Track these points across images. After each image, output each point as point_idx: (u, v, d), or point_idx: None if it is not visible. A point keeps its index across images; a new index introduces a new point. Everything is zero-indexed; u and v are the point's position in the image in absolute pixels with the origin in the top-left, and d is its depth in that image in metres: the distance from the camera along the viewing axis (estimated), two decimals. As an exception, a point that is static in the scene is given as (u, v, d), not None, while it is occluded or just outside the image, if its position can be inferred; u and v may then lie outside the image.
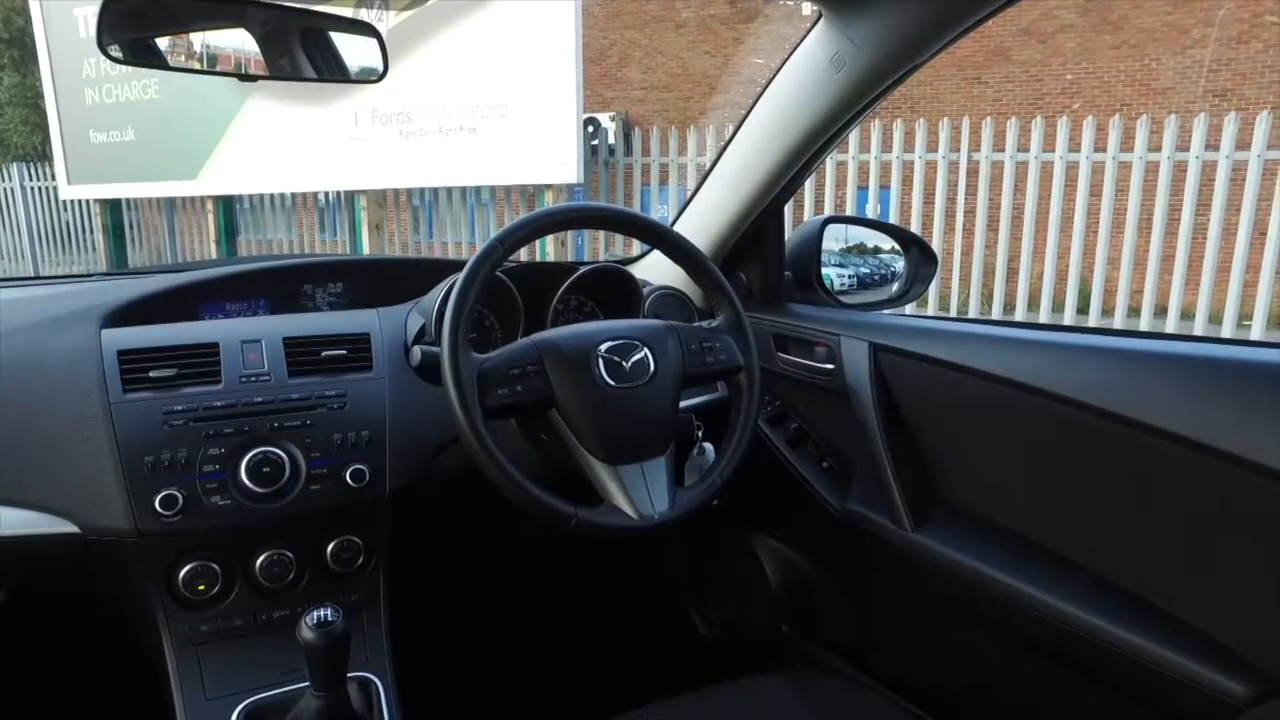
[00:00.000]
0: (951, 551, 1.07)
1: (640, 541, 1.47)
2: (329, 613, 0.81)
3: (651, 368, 1.00)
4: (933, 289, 5.30)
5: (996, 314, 5.49)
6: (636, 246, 1.52)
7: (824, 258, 1.43)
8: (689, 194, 1.45)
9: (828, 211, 5.62)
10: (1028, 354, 0.98)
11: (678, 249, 1.09)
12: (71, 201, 8.89)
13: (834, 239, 1.47)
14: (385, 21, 5.68)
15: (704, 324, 1.10)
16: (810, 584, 1.45)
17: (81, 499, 0.92)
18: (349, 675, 0.88)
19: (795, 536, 1.46)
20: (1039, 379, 0.95)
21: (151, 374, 0.98)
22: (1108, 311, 5.22)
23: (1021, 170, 5.21)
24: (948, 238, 5.47)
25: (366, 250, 6.41)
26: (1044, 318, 5.20)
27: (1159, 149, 4.81)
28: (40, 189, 9.52)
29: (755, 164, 1.27)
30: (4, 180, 9.94)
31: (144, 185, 7.56)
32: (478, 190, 6.36)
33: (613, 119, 9.62)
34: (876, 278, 1.56)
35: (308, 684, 0.85)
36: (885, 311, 1.40)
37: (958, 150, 5.35)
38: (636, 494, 0.94)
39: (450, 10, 5.55)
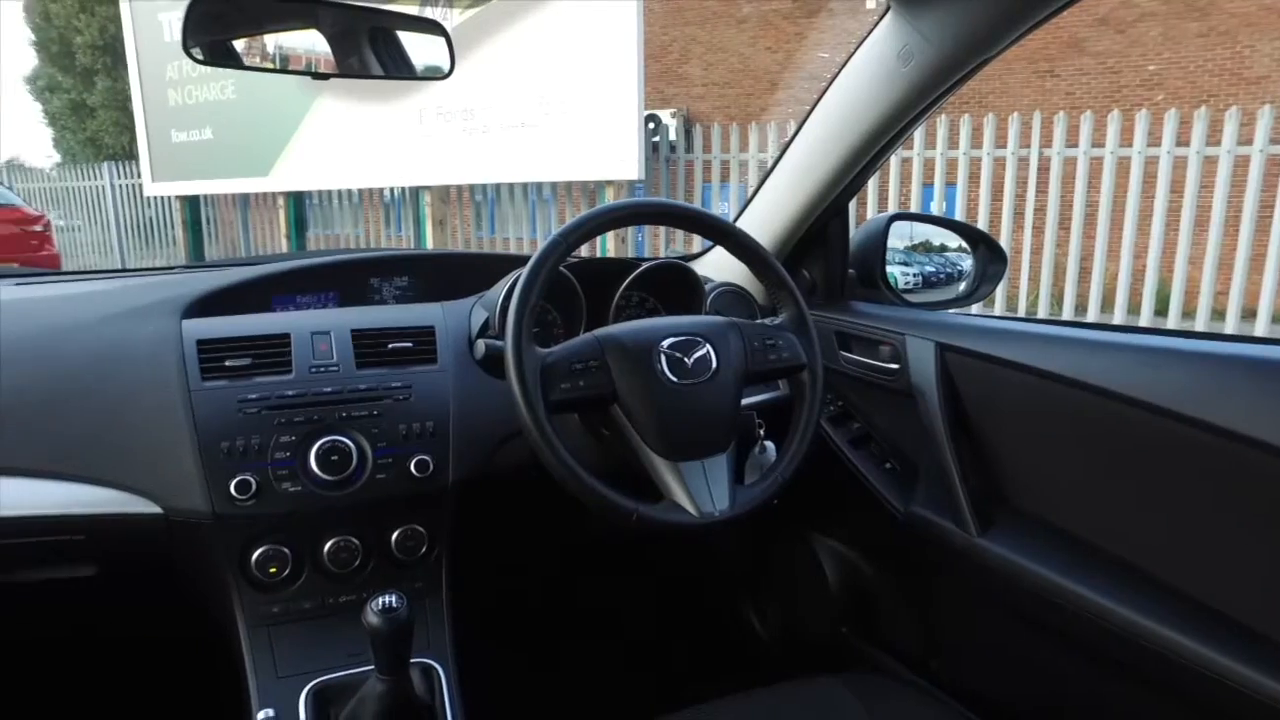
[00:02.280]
0: (1018, 558, 1.04)
1: (699, 539, 1.47)
2: (393, 599, 0.83)
3: (714, 364, 0.99)
4: (1000, 289, 5.15)
5: (1068, 315, 5.31)
6: (697, 243, 1.52)
7: (889, 255, 1.41)
8: (750, 191, 1.44)
9: (892, 209, 5.51)
10: (1102, 356, 0.95)
11: (741, 245, 1.08)
12: (154, 198, 9.30)
13: (899, 236, 1.45)
14: (450, 19, 5.78)
15: (766, 321, 1.09)
16: (871, 587, 1.42)
17: (163, 481, 0.96)
18: (412, 660, 0.90)
19: (856, 538, 1.44)
20: (1114, 382, 0.92)
21: (227, 363, 1.01)
22: (1189, 313, 5.00)
23: (1096, 166, 5.03)
24: (1016, 236, 5.31)
25: (430, 245, 6.54)
26: (1119, 320, 5.01)
27: (1250, 142, 4.58)
28: (127, 186, 9.97)
29: (820, 160, 1.26)
30: (96, 179, 10.44)
31: (220, 182, 7.86)
32: (539, 186, 6.43)
33: (674, 115, 9.61)
34: (942, 276, 1.52)
35: (372, 667, 0.88)
36: (951, 311, 1.37)
37: (1028, 146, 5.19)
38: (697, 491, 0.94)
39: (513, 8, 5.61)
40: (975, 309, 2.10)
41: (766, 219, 1.38)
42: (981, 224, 5.01)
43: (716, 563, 1.74)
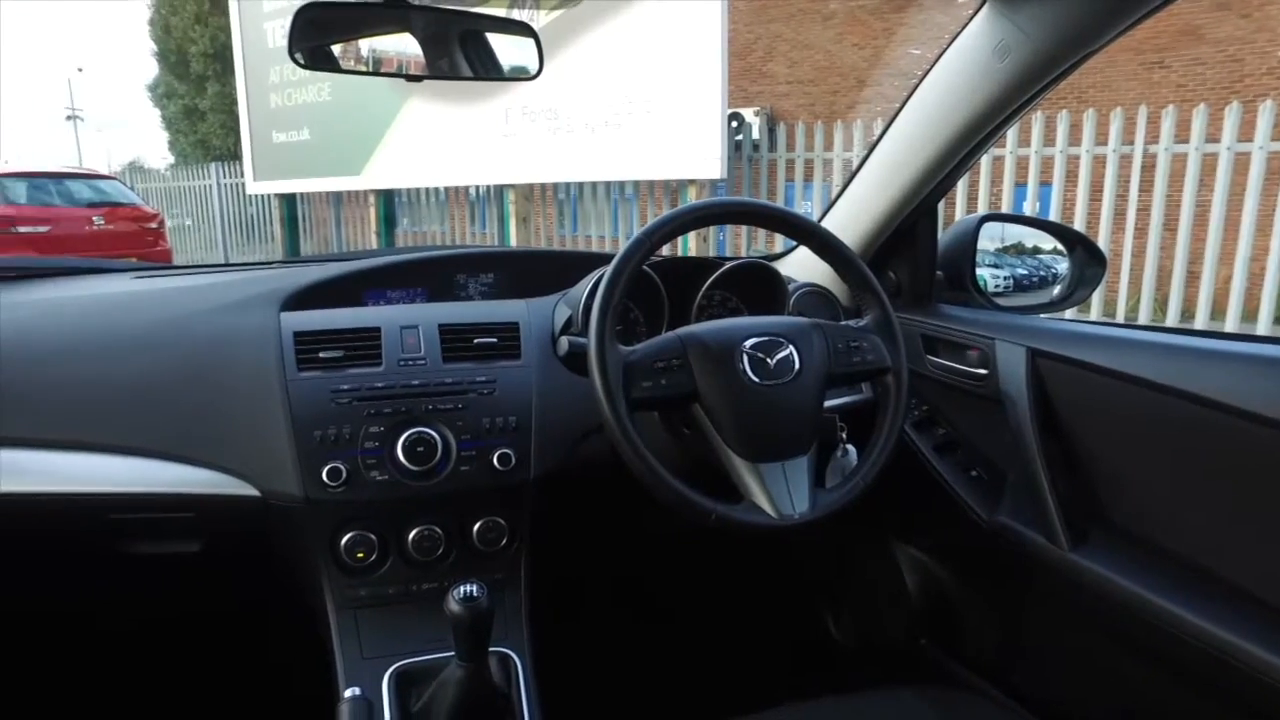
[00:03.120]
0: (1112, 574, 0.99)
1: (777, 541, 1.45)
2: (474, 589, 0.85)
3: (796, 365, 0.98)
4: (1096, 294, 4.91)
5: (1172, 322, 5.03)
6: (780, 243, 1.50)
7: (978, 257, 1.36)
8: (835, 190, 1.41)
9: (982, 209, 5.33)
10: (1209, 365, 0.90)
11: (825, 245, 1.07)
12: (255, 196, 9.77)
13: (989, 238, 1.40)
14: (536, 21, 5.87)
15: (851, 323, 1.07)
16: (953, 597, 1.38)
17: (261, 466, 1.01)
18: (490, 649, 0.92)
19: (938, 546, 1.40)
20: (1221, 393, 0.86)
21: (322, 355, 1.06)
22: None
23: (1209, 163, 4.73)
24: (1116, 238, 5.06)
25: (513, 242, 6.67)
26: (1231, 328, 4.71)
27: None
28: (231, 185, 10.51)
29: (908, 159, 1.23)
30: (204, 178, 11.05)
31: (315, 181, 8.20)
32: (621, 185, 6.47)
33: (757, 114, 9.52)
34: (1035, 279, 1.47)
35: (452, 654, 0.90)
36: (1043, 316, 1.31)
37: (1131, 143, 4.93)
38: (776, 493, 0.93)
39: (598, 8, 5.67)
40: (1069, 314, 2.01)
41: (852, 219, 1.35)
42: (1078, 225, 4.79)
43: (794, 565, 1.72)
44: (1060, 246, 1.41)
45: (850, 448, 1.17)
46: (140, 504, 1.01)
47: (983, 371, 1.18)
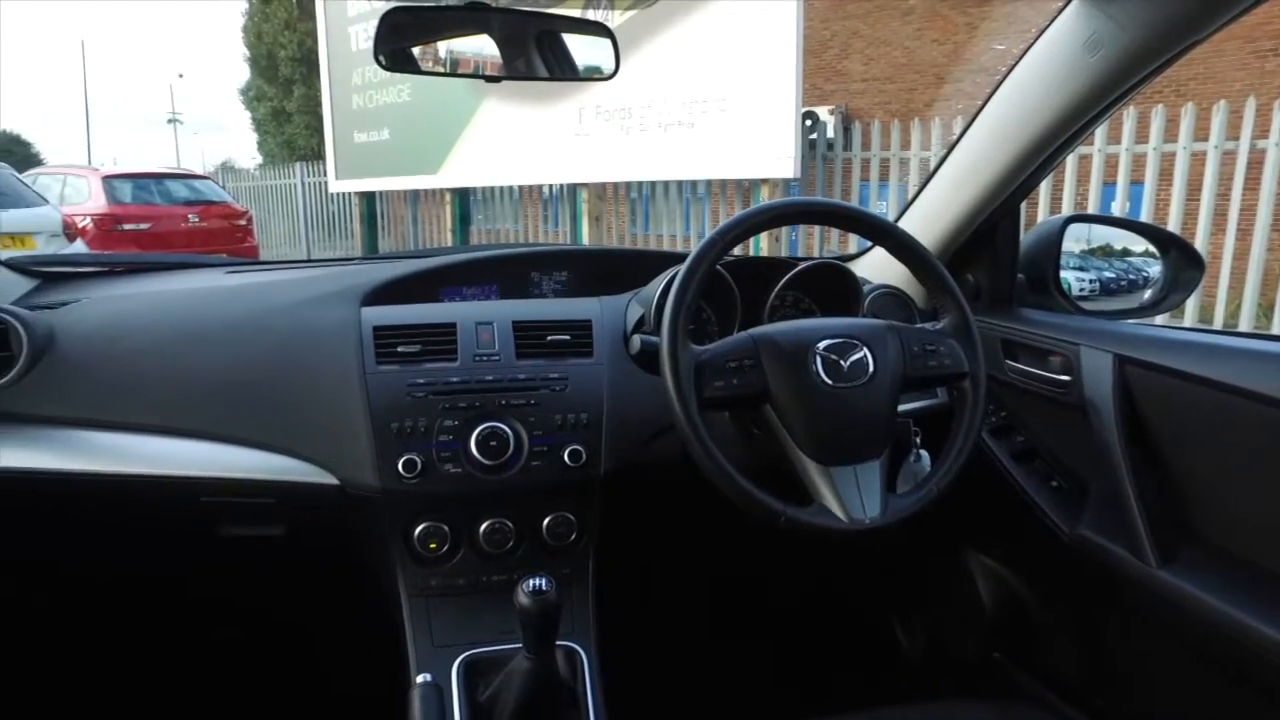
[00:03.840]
0: (1204, 594, 0.95)
1: (847, 545, 1.43)
2: (543, 582, 0.86)
3: (870, 368, 0.97)
4: (1190, 299, 4.67)
5: (1278, 329, 4.74)
6: (854, 243, 1.48)
7: (1063, 260, 1.32)
8: (911, 190, 1.38)
9: (1066, 210, 5.13)
10: None
11: (902, 246, 1.05)
12: (337, 194, 10.11)
13: (1074, 239, 1.35)
14: (611, 20, 5.91)
15: (927, 326, 1.05)
16: (1029, 610, 1.34)
17: (340, 456, 1.04)
18: (557, 643, 0.93)
19: (1015, 557, 1.36)
20: None
21: (399, 349, 1.09)
22: None
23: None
24: (1216, 239, 4.80)
25: (585, 241, 6.73)
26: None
27: None
28: (314, 184, 10.90)
29: (991, 158, 1.19)
30: (289, 177, 11.50)
31: (394, 179, 8.43)
32: (694, 184, 6.46)
33: (832, 112, 9.38)
34: (1124, 283, 1.41)
35: (520, 645, 0.91)
36: (1131, 321, 1.26)
37: (1236, 138, 4.66)
38: (847, 497, 0.92)
39: (673, 8, 5.67)
40: (1159, 320, 1.92)
41: (930, 219, 1.32)
42: (1172, 226, 4.57)
43: (863, 571, 1.69)
44: (1153, 249, 1.35)
45: (924, 453, 1.15)
46: (226, 488, 1.06)
47: (1065, 378, 1.14)
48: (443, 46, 1.28)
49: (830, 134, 6.27)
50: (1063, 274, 1.32)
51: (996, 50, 8.61)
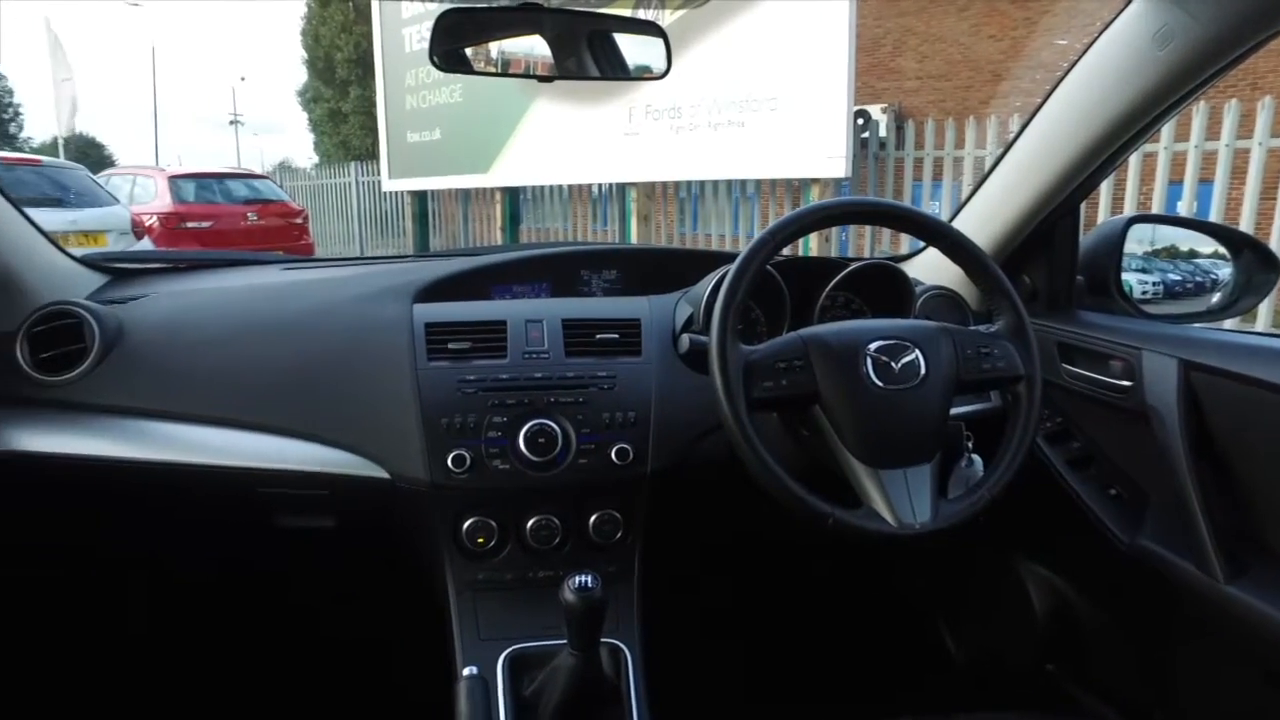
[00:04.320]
0: (1275, 611, 0.91)
1: (896, 550, 1.41)
2: (589, 579, 0.86)
3: (922, 370, 0.95)
4: (1264, 302, 4.49)
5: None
6: (905, 244, 1.46)
7: (1124, 261, 1.28)
8: (965, 189, 1.36)
9: (1128, 211, 4.97)
10: None
11: (956, 246, 1.03)
12: (390, 193, 10.30)
13: (1137, 240, 1.32)
14: (661, 20, 5.91)
15: (981, 328, 1.03)
16: (1084, 622, 1.30)
17: (392, 450, 1.06)
18: (601, 640, 0.94)
19: (1069, 567, 1.32)
20: None
21: (450, 345, 1.10)
22: None
23: None
24: (1291, 241, 4.60)
25: (634, 240, 6.74)
26: None
27: None
28: (368, 183, 11.12)
29: (1050, 156, 1.16)
30: (344, 176, 11.75)
31: (446, 179, 8.55)
32: (743, 184, 6.42)
33: (884, 111, 9.25)
34: (1190, 285, 1.36)
35: (565, 642, 0.92)
36: (1197, 325, 1.21)
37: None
38: (897, 500, 0.90)
39: (724, 7, 5.64)
40: (1228, 324, 1.85)
41: (985, 219, 1.29)
42: (1244, 228, 4.39)
43: (912, 576, 1.66)
44: (1223, 250, 1.30)
45: (976, 458, 1.13)
46: (281, 479, 1.09)
47: (1126, 383, 1.11)
48: (495, 47, 1.29)
49: (882, 133, 6.18)
50: (1124, 276, 1.28)
51: (1058, 46, 8.38)
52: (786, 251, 1.10)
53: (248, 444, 1.09)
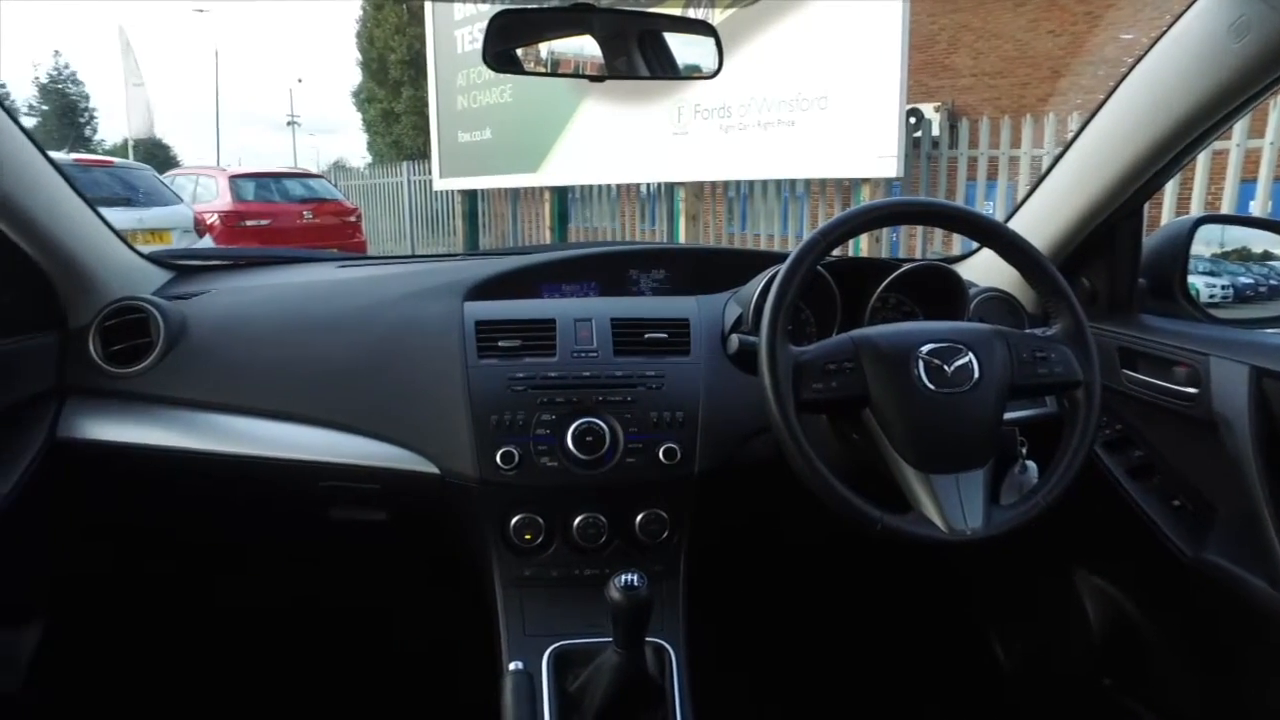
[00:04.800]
0: None
1: (946, 556, 1.38)
2: (635, 578, 0.87)
3: (975, 374, 0.93)
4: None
5: None
6: (958, 245, 1.43)
7: (1191, 264, 1.24)
8: (1020, 189, 1.33)
9: (1195, 211, 4.80)
10: None
11: (1012, 247, 1.01)
12: (440, 192, 10.45)
13: (1204, 242, 1.28)
14: (712, 19, 5.88)
15: (1037, 331, 1.01)
16: (1144, 637, 1.26)
17: (441, 446, 1.08)
18: (646, 639, 0.94)
19: (1128, 579, 1.28)
20: None
21: (500, 343, 1.11)
22: None
23: None
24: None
25: (682, 240, 6.73)
26: None
27: None
28: (419, 182, 11.30)
29: (1113, 154, 1.13)
30: (396, 176, 11.97)
31: (496, 178, 8.64)
32: (793, 183, 6.37)
33: (937, 110, 9.09)
34: (1263, 289, 1.32)
35: (610, 640, 0.92)
36: (1270, 330, 1.17)
37: None
38: (948, 506, 0.89)
39: (774, 6, 5.60)
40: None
41: (1042, 220, 1.26)
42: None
43: (961, 584, 1.63)
44: (1300, 253, 1.25)
45: (1030, 464, 1.11)
46: (334, 472, 1.12)
47: (1192, 390, 1.07)
48: (546, 47, 1.30)
49: (935, 132, 6.07)
50: (1191, 279, 1.24)
51: (1123, 40, 8.13)
52: (837, 252, 1.09)
53: (303, 437, 1.12)
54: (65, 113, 29.67)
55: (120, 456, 1.14)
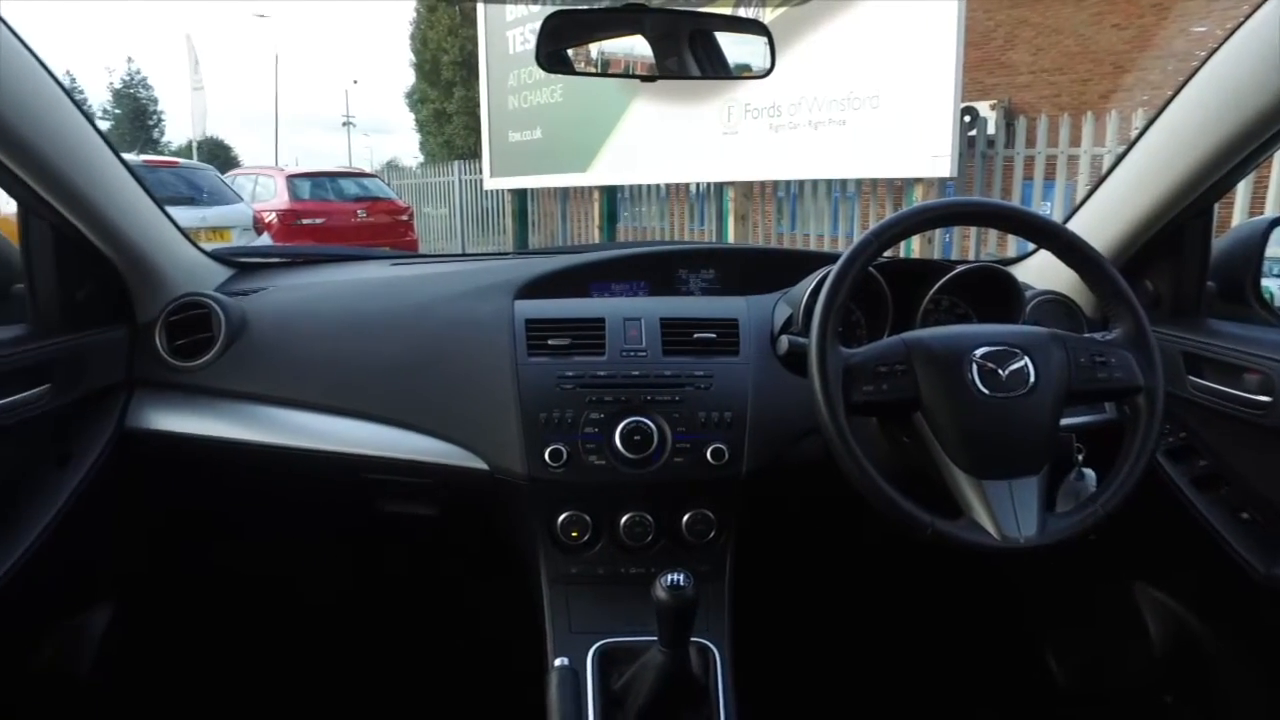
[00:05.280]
0: None
1: (998, 564, 1.35)
2: (682, 578, 0.87)
3: (1031, 378, 0.91)
4: None
5: None
6: (1013, 246, 1.39)
7: (1265, 266, 1.19)
8: (1080, 189, 1.29)
9: (1270, 212, 4.61)
10: None
11: (1071, 248, 0.98)
12: (491, 191, 10.57)
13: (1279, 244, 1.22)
14: (763, 18, 5.84)
15: (1096, 335, 0.98)
16: (1210, 653, 1.22)
17: (491, 442, 1.09)
18: (691, 639, 0.94)
19: (1192, 594, 1.24)
20: None
21: (550, 342, 1.12)
22: None
23: None
24: None
25: (731, 239, 6.70)
26: None
27: None
28: (470, 181, 11.45)
29: (1182, 152, 1.09)
30: (447, 175, 12.14)
31: (546, 177, 8.71)
32: (843, 183, 6.30)
33: (993, 107, 8.88)
34: (1345, 295, 1.26)
35: (655, 639, 0.92)
36: None
37: None
38: (1001, 512, 0.87)
39: (826, 5, 5.54)
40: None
41: (1104, 220, 1.23)
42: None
43: (1013, 593, 1.59)
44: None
45: (1088, 471, 1.07)
46: (386, 467, 1.14)
47: (1264, 399, 1.03)
48: (598, 48, 1.31)
49: (991, 130, 5.94)
50: (1265, 282, 1.19)
51: (1194, 34, 7.84)
52: (888, 253, 1.07)
53: (357, 432, 1.14)
54: (136, 116, 30.85)
55: (182, 446, 1.18)
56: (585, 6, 1.30)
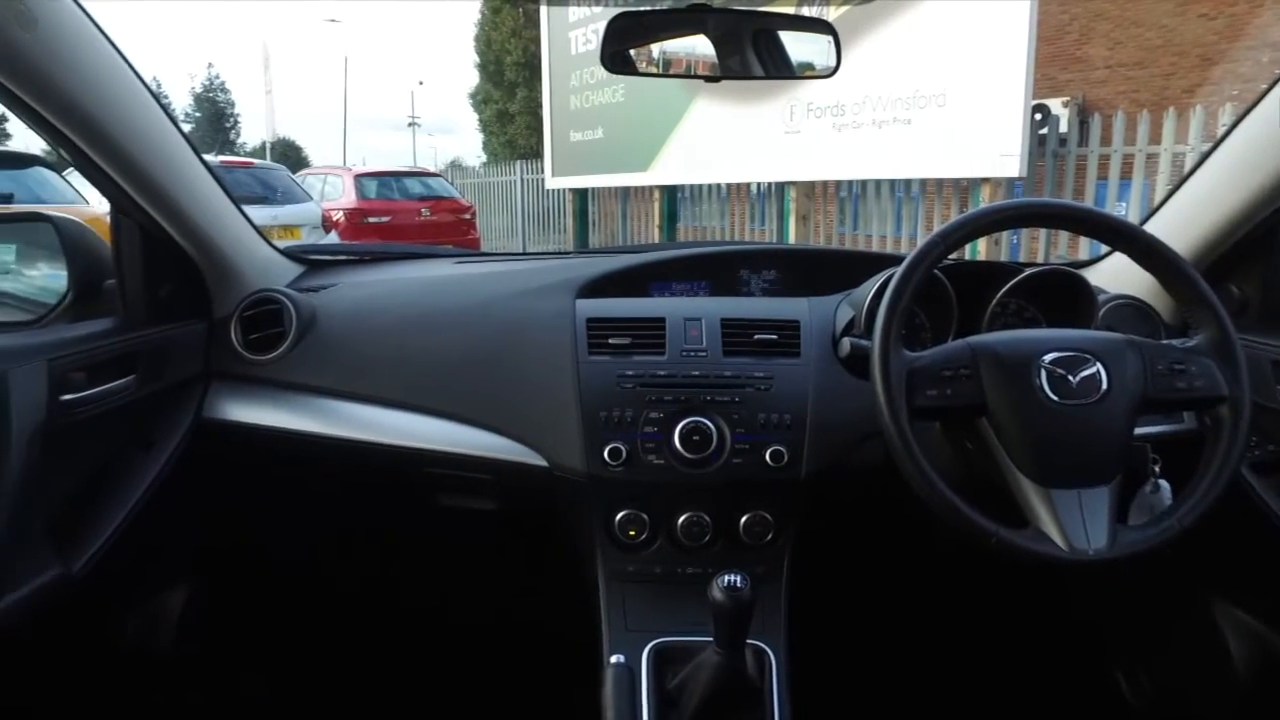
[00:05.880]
0: None
1: (1066, 576, 1.31)
2: (739, 579, 0.86)
3: (1104, 385, 0.88)
4: None
5: None
6: (1085, 249, 1.35)
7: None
8: (1159, 189, 1.24)
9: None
10: None
11: (1149, 251, 0.94)
12: (552, 191, 10.68)
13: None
14: (827, 16, 5.76)
15: (1175, 342, 0.94)
16: None
17: (551, 440, 1.10)
18: (747, 641, 0.93)
19: None
20: None
21: (611, 341, 1.13)
22: None
23: None
24: None
25: (792, 240, 6.64)
26: None
27: None
28: (532, 181, 11.58)
29: (1276, 148, 1.03)
30: (509, 174, 12.31)
31: (607, 177, 8.76)
32: (907, 183, 6.18)
33: (1066, 105, 8.60)
34: None
35: (710, 639, 0.92)
36: None
37: None
38: (1069, 523, 0.85)
39: (892, 3, 5.44)
40: None
41: (1185, 222, 1.18)
42: None
43: (1083, 607, 1.54)
44: None
45: (1164, 483, 1.03)
46: (448, 461, 1.16)
47: None
48: (661, 48, 1.31)
49: (1063, 128, 5.73)
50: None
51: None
52: (953, 255, 1.05)
53: (421, 426, 1.17)
54: (215, 118, 32.17)
55: (254, 437, 1.23)
56: (649, 7, 1.31)
